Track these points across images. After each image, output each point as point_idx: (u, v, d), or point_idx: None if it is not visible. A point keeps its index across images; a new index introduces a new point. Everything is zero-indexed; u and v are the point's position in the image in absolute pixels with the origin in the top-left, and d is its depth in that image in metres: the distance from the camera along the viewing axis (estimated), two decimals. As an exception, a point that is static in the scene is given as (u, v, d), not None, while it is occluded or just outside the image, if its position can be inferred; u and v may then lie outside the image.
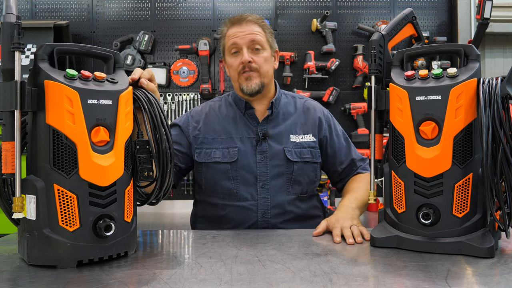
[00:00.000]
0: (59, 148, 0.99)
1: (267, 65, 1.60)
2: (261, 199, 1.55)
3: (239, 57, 1.58)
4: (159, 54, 3.28)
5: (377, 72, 1.23)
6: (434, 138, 1.10)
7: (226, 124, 1.63)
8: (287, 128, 1.62)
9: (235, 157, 1.57)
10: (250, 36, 1.57)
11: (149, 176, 1.12)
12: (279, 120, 1.63)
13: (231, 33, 1.60)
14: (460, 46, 1.16)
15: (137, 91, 1.14)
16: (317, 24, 3.18)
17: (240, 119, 1.63)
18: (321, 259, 1.07)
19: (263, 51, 1.59)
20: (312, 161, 1.62)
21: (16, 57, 0.96)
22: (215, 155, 1.58)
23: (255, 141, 1.59)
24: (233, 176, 1.57)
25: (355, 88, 3.24)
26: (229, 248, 1.18)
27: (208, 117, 1.66)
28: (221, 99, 1.73)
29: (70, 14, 3.27)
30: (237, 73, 1.59)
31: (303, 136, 1.63)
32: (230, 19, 1.63)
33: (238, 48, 1.58)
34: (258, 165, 1.57)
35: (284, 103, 1.68)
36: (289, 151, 1.58)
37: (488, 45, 3.64)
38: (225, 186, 1.57)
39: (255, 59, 1.57)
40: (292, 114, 1.66)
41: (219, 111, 1.68)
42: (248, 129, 1.61)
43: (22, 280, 0.93)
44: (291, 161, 1.58)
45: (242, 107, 1.63)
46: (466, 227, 1.09)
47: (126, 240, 1.09)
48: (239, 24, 1.59)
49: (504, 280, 0.91)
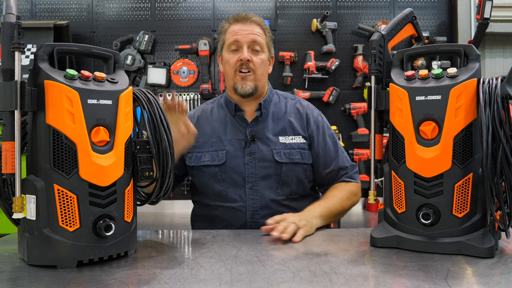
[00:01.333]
0: (59, 148, 0.99)
1: (263, 68, 1.61)
2: (250, 200, 1.56)
3: (237, 54, 1.57)
4: (159, 54, 3.28)
5: (377, 72, 1.23)
6: (434, 138, 1.10)
7: (216, 126, 1.64)
8: (277, 129, 1.62)
9: (223, 159, 1.58)
10: (252, 36, 1.57)
11: (150, 176, 1.13)
12: (269, 121, 1.63)
13: (233, 30, 1.59)
14: (460, 46, 1.16)
15: (137, 91, 1.14)
16: (317, 24, 3.18)
17: (230, 121, 1.64)
18: (321, 259, 1.07)
19: (261, 53, 1.60)
20: (301, 162, 1.60)
21: (16, 57, 0.96)
22: (204, 158, 1.59)
23: (244, 142, 1.59)
24: (222, 178, 1.58)
25: (355, 88, 3.24)
26: (229, 248, 1.18)
27: (199, 121, 1.67)
28: (214, 102, 1.74)
29: (70, 14, 3.27)
30: (233, 71, 1.59)
31: (293, 137, 1.61)
32: (234, 16, 1.63)
33: (239, 46, 1.58)
34: (247, 167, 1.57)
35: (275, 104, 1.67)
36: (277, 152, 1.58)
37: (488, 45, 3.63)
38: (215, 188, 1.59)
39: (253, 59, 1.57)
40: (282, 115, 1.65)
41: (211, 114, 1.69)
42: (238, 131, 1.61)
43: (22, 280, 0.93)
44: (279, 162, 1.57)
45: (232, 109, 1.63)
46: (466, 227, 1.09)
47: (126, 240, 1.09)
48: (243, 22, 1.59)
49: (504, 280, 0.91)
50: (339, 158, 1.66)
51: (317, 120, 1.67)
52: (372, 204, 2.93)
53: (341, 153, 1.68)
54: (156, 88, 3.25)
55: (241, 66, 1.57)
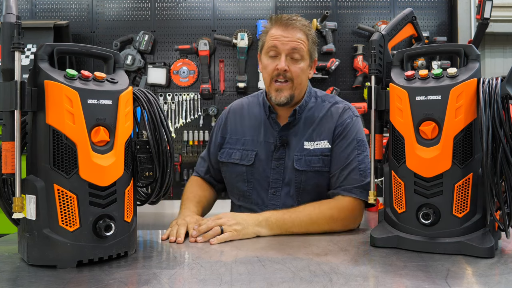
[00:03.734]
0: (59, 148, 0.99)
1: (303, 76, 1.52)
2: (271, 206, 1.53)
3: (275, 62, 1.49)
4: (159, 54, 3.28)
5: (377, 72, 1.23)
6: (434, 138, 1.09)
7: (252, 124, 1.61)
8: (305, 134, 1.54)
9: (251, 161, 1.56)
10: (292, 44, 1.47)
11: (150, 176, 1.13)
12: (300, 127, 1.55)
13: (274, 34, 1.50)
14: (460, 46, 1.16)
15: (137, 91, 1.14)
16: (317, 24, 3.18)
17: (264, 121, 1.60)
18: (321, 259, 1.07)
19: (301, 62, 1.50)
20: (322, 170, 1.50)
21: (16, 57, 0.96)
22: (235, 156, 1.58)
23: (274, 146, 1.55)
24: (248, 179, 1.57)
25: (355, 88, 3.24)
26: (229, 248, 1.18)
27: (235, 115, 1.66)
28: (254, 96, 1.69)
29: (70, 14, 3.27)
30: (269, 78, 1.52)
31: (319, 142, 1.51)
32: (278, 17, 1.52)
33: (277, 53, 1.49)
34: (272, 172, 1.54)
35: (310, 108, 1.58)
36: (298, 159, 1.51)
37: (488, 45, 3.64)
38: (241, 188, 1.58)
39: (291, 69, 1.48)
40: (315, 120, 1.56)
41: (248, 109, 1.65)
42: (269, 134, 1.57)
43: (22, 280, 0.93)
44: (299, 170, 1.50)
45: (267, 110, 1.58)
46: (466, 227, 1.09)
47: (126, 240, 1.09)
48: (285, 27, 1.49)
49: (504, 280, 0.91)
50: (349, 167, 1.46)
51: (344, 122, 1.53)
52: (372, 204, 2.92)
53: (355, 164, 1.47)
54: (156, 88, 3.26)
55: (278, 75, 1.49)
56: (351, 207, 1.41)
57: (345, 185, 1.45)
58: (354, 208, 1.42)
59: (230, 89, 3.30)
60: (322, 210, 1.37)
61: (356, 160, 1.48)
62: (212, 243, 1.21)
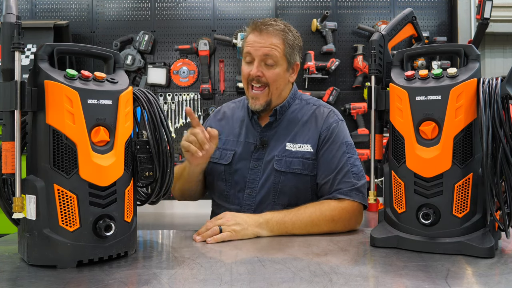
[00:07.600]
0: (59, 148, 0.99)
1: (280, 81, 1.51)
2: (245, 206, 1.53)
3: (250, 67, 1.50)
4: (159, 54, 3.28)
5: (377, 72, 1.23)
6: (434, 138, 1.10)
7: (236, 126, 1.63)
8: (287, 136, 1.54)
9: (229, 160, 1.57)
10: (264, 50, 1.47)
11: (150, 176, 1.13)
12: (282, 128, 1.56)
13: (249, 40, 1.51)
14: (460, 46, 1.16)
15: (137, 91, 1.14)
16: (317, 24, 3.18)
17: (247, 123, 1.61)
18: (321, 259, 1.07)
19: (276, 67, 1.49)
20: (301, 173, 1.49)
21: (16, 57, 0.96)
22: (214, 155, 1.56)
23: (254, 147, 1.56)
24: (226, 178, 1.57)
25: (355, 88, 3.24)
26: (229, 248, 1.18)
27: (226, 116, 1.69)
28: (241, 101, 1.71)
29: (70, 14, 3.27)
30: (246, 84, 1.54)
31: (302, 145, 1.51)
32: (254, 23, 1.52)
33: (252, 59, 1.50)
34: (250, 172, 1.54)
35: (293, 109, 1.58)
36: (279, 159, 1.50)
37: (488, 45, 3.64)
38: (219, 187, 1.59)
39: (266, 74, 1.48)
40: (297, 121, 1.56)
41: (233, 112, 1.68)
42: (251, 134, 1.59)
43: (22, 280, 0.93)
44: (278, 171, 1.49)
45: (250, 112, 1.59)
46: (466, 227, 1.09)
47: (126, 240, 1.09)
48: (259, 32, 1.49)
49: (504, 280, 0.91)
50: (342, 171, 1.46)
51: (330, 126, 1.52)
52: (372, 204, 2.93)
53: (348, 167, 1.47)
54: (156, 88, 3.26)
55: (253, 81, 1.50)
56: (351, 209, 1.42)
57: (342, 188, 1.44)
58: (354, 210, 1.42)
59: (230, 89, 3.30)
60: (323, 212, 1.37)
61: (348, 164, 1.48)
62: (209, 242, 1.22)
